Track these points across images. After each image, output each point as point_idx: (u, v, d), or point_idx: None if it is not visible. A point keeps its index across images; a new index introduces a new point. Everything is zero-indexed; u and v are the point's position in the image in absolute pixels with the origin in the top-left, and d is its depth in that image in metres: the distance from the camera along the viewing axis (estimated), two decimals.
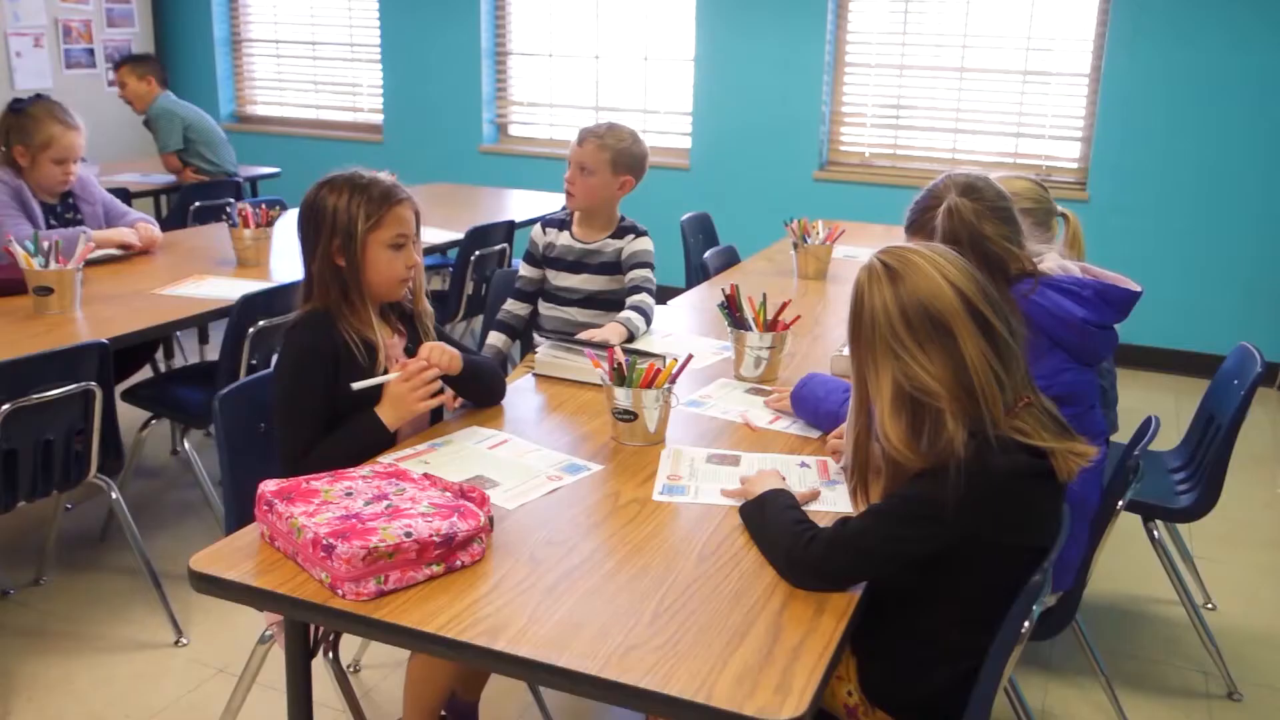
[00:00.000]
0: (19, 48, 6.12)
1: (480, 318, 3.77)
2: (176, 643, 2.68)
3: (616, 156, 2.82)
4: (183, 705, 2.46)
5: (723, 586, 1.48)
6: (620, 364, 1.95)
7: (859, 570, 1.49)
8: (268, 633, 1.99)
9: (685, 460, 1.92)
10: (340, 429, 1.91)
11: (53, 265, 2.71)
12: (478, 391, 2.13)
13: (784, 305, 2.39)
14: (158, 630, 2.73)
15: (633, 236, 2.91)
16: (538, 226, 3.00)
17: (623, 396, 1.94)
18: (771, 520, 1.59)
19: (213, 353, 4.39)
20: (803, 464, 1.90)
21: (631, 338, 2.62)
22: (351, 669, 2.56)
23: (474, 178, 5.87)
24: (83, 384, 2.37)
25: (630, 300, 2.75)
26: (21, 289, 2.75)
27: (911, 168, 5.37)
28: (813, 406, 2.07)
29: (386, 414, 1.91)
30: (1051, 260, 2.07)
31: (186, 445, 3.03)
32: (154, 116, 5.05)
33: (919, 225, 2.01)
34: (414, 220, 2.01)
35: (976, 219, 1.93)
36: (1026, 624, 1.48)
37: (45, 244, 2.73)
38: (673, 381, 1.97)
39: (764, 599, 1.46)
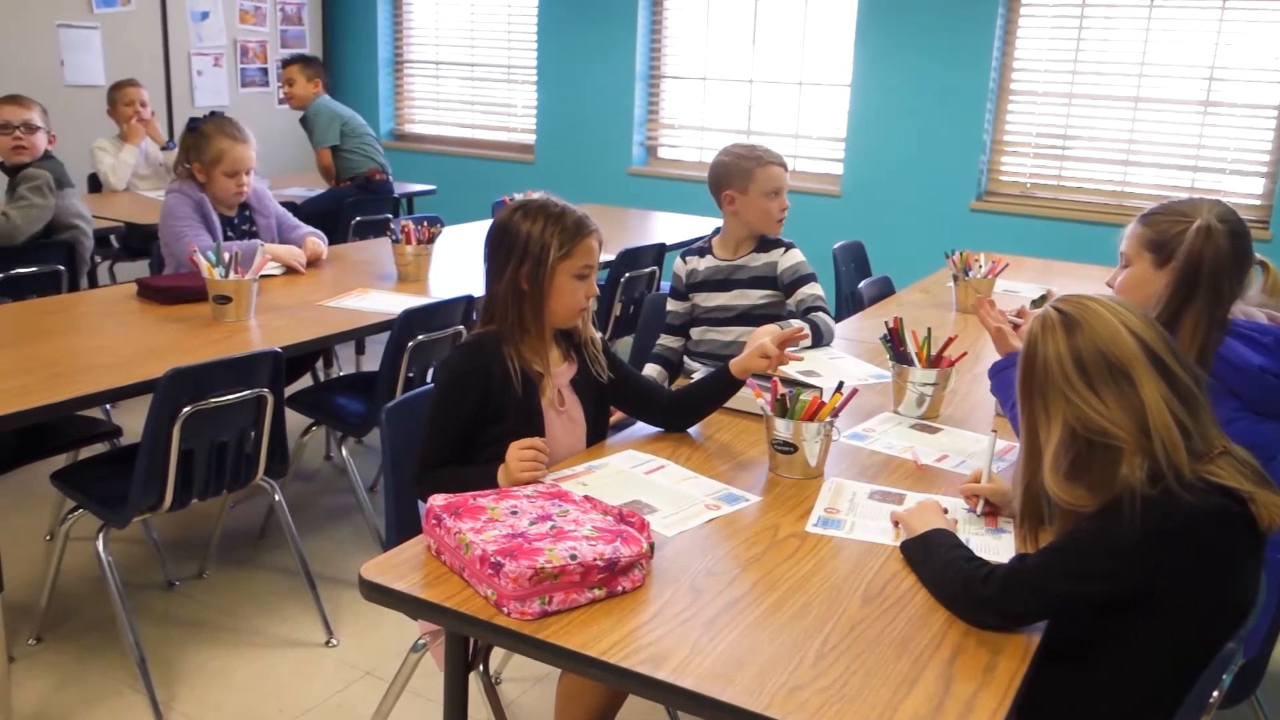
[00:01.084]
0: (200, 67, 6.50)
1: (627, 339, 3.79)
2: (327, 643, 2.76)
3: (708, 181, 2.92)
4: (331, 705, 2.52)
5: (889, 630, 1.43)
6: (783, 395, 1.92)
7: (1037, 608, 1.45)
8: (420, 641, 2.02)
9: (846, 494, 1.87)
10: (468, 468, 1.93)
11: (231, 276, 2.83)
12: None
13: (949, 341, 2.32)
14: (309, 629, 2.81)
15: (783, 250, 2.90)
16: (678, 260, 3.01)
17: (783, 428, 1.91)
18: (939, 558, 1.55)
19: (369, 363, 4.54)
20: (968, 509, 1.83)
21: (819, 340, 2.66)
22: (494, 681, 2.58)
23: (622, 199, 5.93)
24: (256, 390, 2.47)
25: (808, 317, 2.73)
26: (202, 297, 2.89)
27: (1076, 200, 5.17)
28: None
29: (501, 476, 1.88)
30: (1234, 305, 1.96)
31: (344, 452, 3.13)
32: (312, 113, 5.27)
33: (1159, 240, 1.97)
34: (598, 250, 2.04)
35: (1230, 247, 1.88)
36: (1216, 693, 1.38)
37: (226, 255, 2.86)
38: (835, 415, 1.92)
39: (933, 646, 1.40)
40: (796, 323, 2.68)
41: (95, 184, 5.04)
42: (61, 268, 3.67)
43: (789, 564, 1.61)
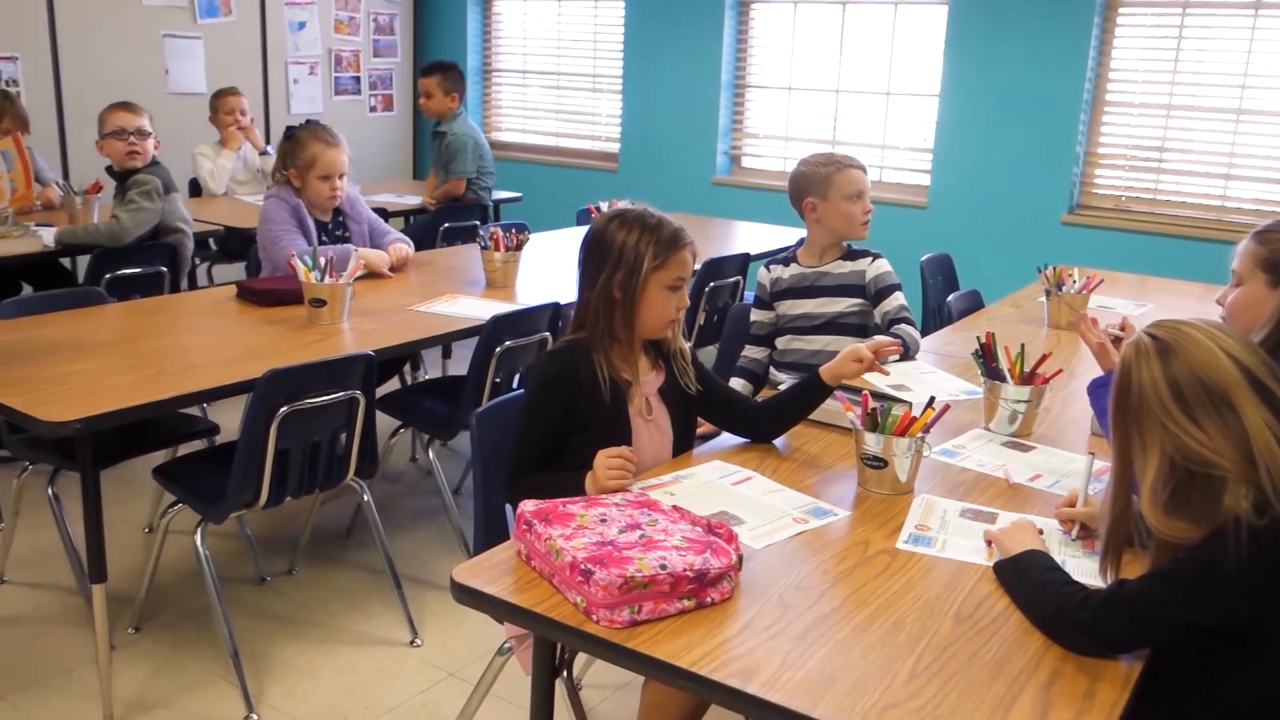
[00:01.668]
0: (296, 75, 6.67)
1: (710, 348, 3.79)
2: (411, 643, 2.80)
3: (789, 193, 2.94)
4: (415, 704, 2.56)
5: (983, 651, 1.41)
6: (874, 409, 1.90)
7: (1136, 635, 1.41)
8: (506, 645, 2.04)
9: (937, 511, 1.84)
10: (556, 474, 1.95)
11: (327, 280, 2.90)
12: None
13: (1044, 358, 2.27)
14: (394, 628, 2.86)
15: (870, 259, 2.88)
16: (762, 269, 3.01)
17: (873, 443, 1.89)
18: (1033, 581, 1.52)
19: (455, 367, 4.62)
20: (1063, 532, 1.79)
21: (907, 352, 2.63)
22: (576, 687, 2.60)
23: (705, 208, 5.93)
24: (350, 392, 2.52)
25: (894, 329, 2.71)
26: (298, 299, 2.96)
27: (1174, 214, 5.02)
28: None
29: (588, 483, 1.89)
30: None
31: (430, 455, 3.18)
32: (458, 144, 5.21)
33: (1275, 259, 1.95)
34: (692, 263, 2.04)
35: None
36: None
37: (322, 260, 2.93)
38: (927, 431, 1.90)
39: (1030, 670, 1.37)
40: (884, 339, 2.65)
41: (195, 188, 5.21)
42: (165, 269, 3.80)
43: (879, 581, 1.59)
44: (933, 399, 1.95)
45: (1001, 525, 1.75)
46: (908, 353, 2.72)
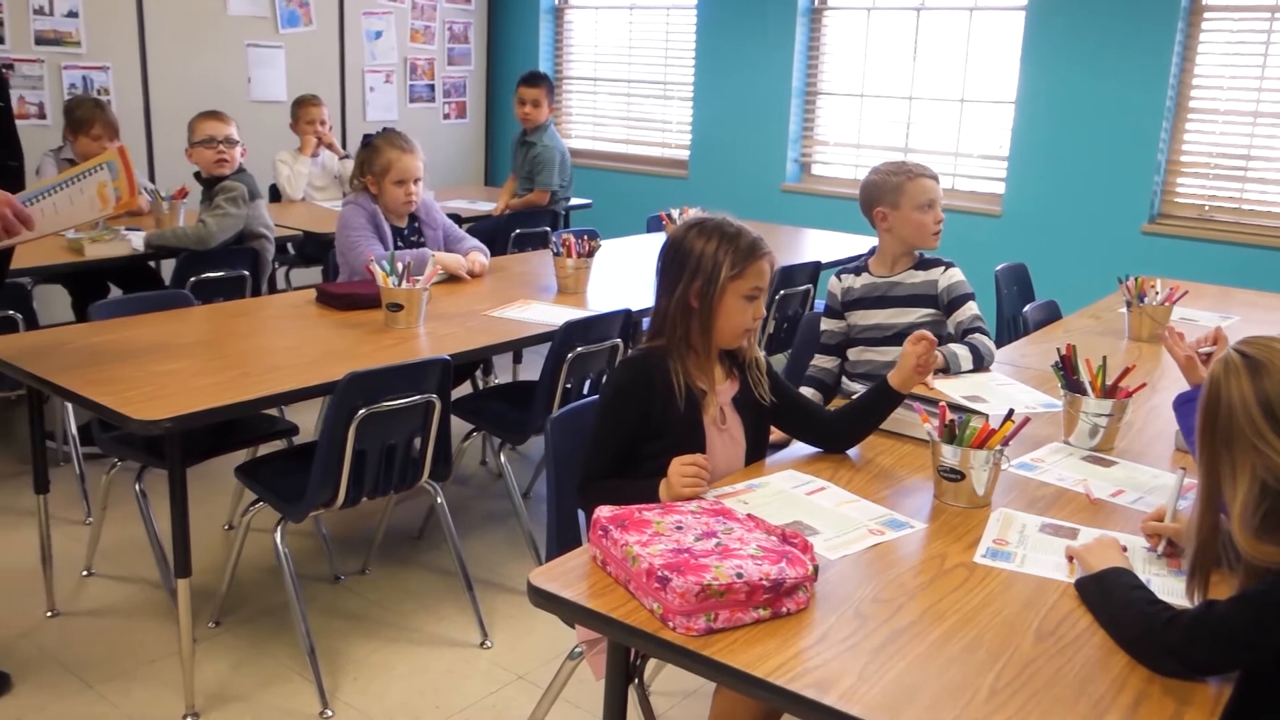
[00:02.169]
0: (373, 83, 6.80)
1: (780, 356, 3.78)
2: (481, 644, 2.83)
3: (860, 202, 2.91)
4: (484, 706, 2.59)
5: (1066, 670, 1.39)
6: (951, 421, 1.88)
7: (1224, 660, 1.37)
8: (578, 649, 2.05)
9: (1016, 526, 1.82)
10: (630, 481, 1.96)
11: (404, 285, 2.95)
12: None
13: (1126, 371, 2.23)
14: (465, 630, 2.90)
15: (943, 268, 2.85)
16: (833, 279, 2.99)
17: (950, 455, 1.87)
18: (1117, 599, 1.49)
19: (525, 372, 4.66)
20: (1148, 549, 1.75)
21: (946, 369, 2.57)
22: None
23: (775, 216, 5.91)
24: (426, 395, 2.56)
25: (967, 339, 2.68)
26: (376, 304, 3.02)
27: (1259, 224, 4.88)
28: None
29: (662, 490, 1.90)
30: None
31: (502, 459, 3.21)
32: (546, 155, 5.27)
33: None
34: (770, 274, 2.04)
35: None
36: None
37: (399, 265, 2.99)
38: (1006, 443, 1.87)
39: (1114, 690, 1.35)
40: (963, 351, 2.62)
41: (275, 194, 5.34)
42: (247, 273, 3.90)
43: (957, 595, 1.57)
44: (1011, 411, 1.93)
45: (1084, 541, 1.72)
46: (982, 363, 2.69)
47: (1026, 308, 3.50)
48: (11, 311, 3.35)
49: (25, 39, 5.22)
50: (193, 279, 3.75)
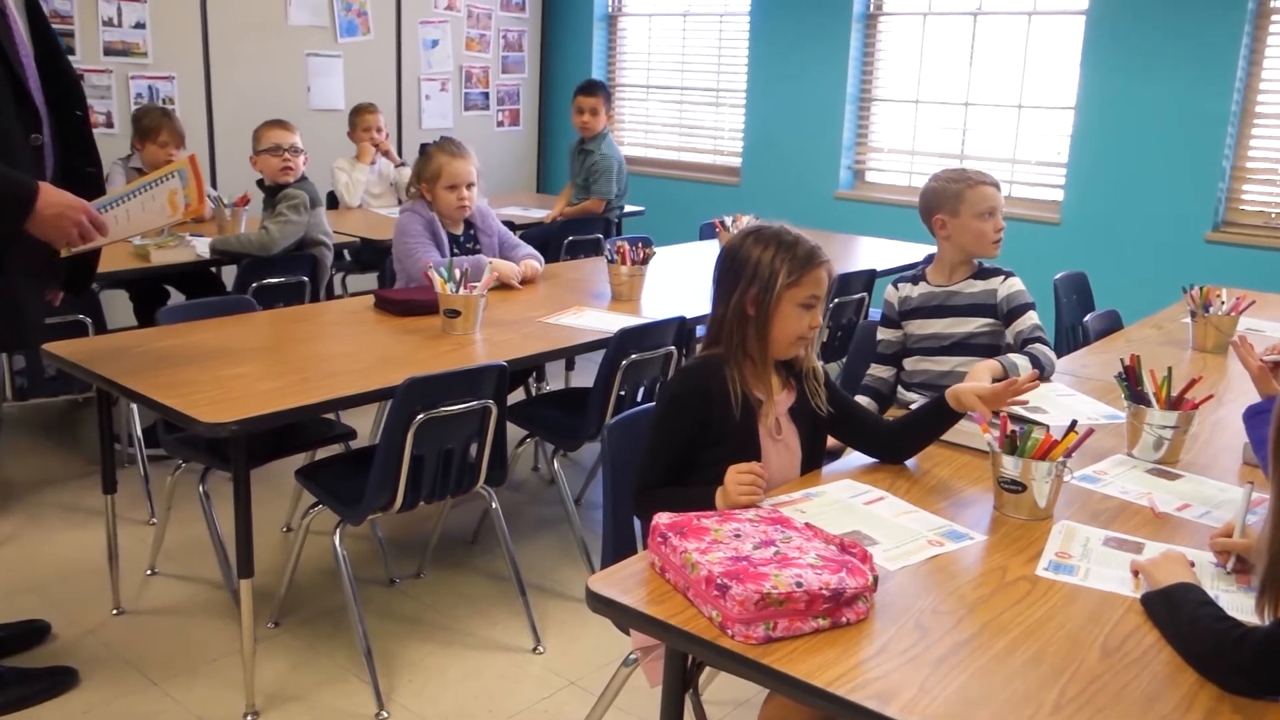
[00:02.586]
0: (428, 91, 6.88)
1: (834, 365, 3.76)
2: (534, 650, 2.85)
3: (919, 209, 2.87)
4: (537, 711, 2.60)
5: (1132, 686, 1.36)
6: (1012, 432, 1.86)
7: None
8: (632, 656, 2.06)
9: (1079, 539, 1.79)
10: (686, 489, 1.97)
11: (461, 291, 2.98)
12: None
13: (1192, 382, 2.19)
14: (518, 635, 2.91)
15: (1002, 278, 2.82)
16: (890, 287, 2.97)
17: (1011, 466, 1.85)
18: (1185, 615, 1.46)
19: (578, 379, 4.69)
20: (1216, 564, 1.72)
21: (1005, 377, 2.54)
22: None
23: (828, 224, 5.88)
24: (482, 401, 2.59)
25: (1027, 349, 2.65)
26: (433, 310, 3.05)
27: None
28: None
29: (719, 498, 1.90)
30: None
31: (555, 465, 3.23)
32: (604, 163, 5.31)
33: None
34: (827, 283, 2.04)
35: None
36: None
37: (457, 271, 3.02)
38: (1069, 455, 1.85)
39: (1183, 708, 1.32)
40: (1023, 361, 2.59)
41: (333, 201, 5.42)
42: (306, 279, 3.97)
43: (1020, 608, 1.55)
44: (1074, 422, 1.90)
45: (1149, 555, 1.70)
46: (1043, 374, 2.66)
47: (1087, 317, 3.45)
48: (81, 315, 3.43)
49: (95, 50, 5.36)
50: (254, 284, 3.82)
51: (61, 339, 2.84)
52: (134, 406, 3.64)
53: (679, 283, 3.87)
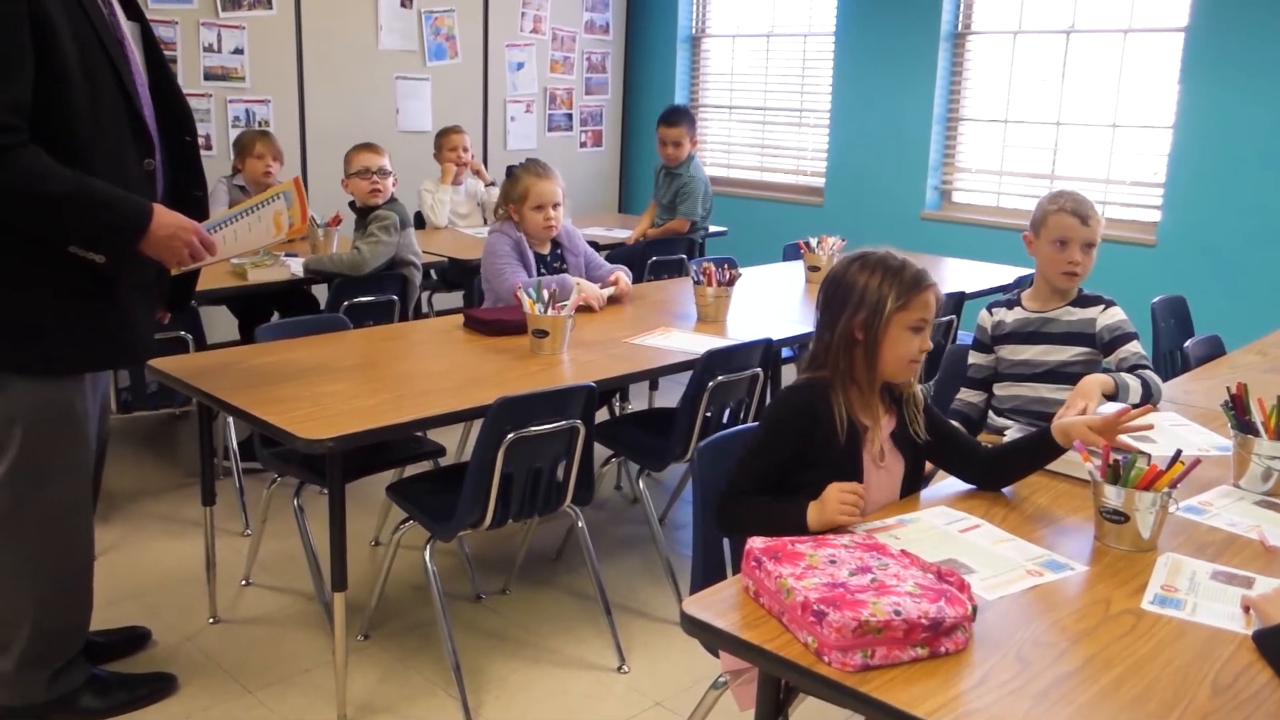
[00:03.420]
0: (513, 113, 6.99)
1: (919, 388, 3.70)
2: (619, 669, 2.85)
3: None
4: None
5: None
6: (1115, 461, 1.81)
7: None
8: (721, 679, 2.05)
9: (1185, 572, 1.74)
10: (775, 500, 1.96)
11: (549, 312, 3.02)
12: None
13: None
14: (602, 653, 2.92)
15: (1103, 307, 2.77)
16: (983, 312, 2.93)
17: (1113, 496, 1.80)
18: None
19: (661, 399, 4.70)
20: None
21: (1115, 397, 2.51)
22: None
23: (914, 244, 5.80)
24: (571, 421, 2.61)
25: (1136, 373, 2.59)
26: (521, 330, 3.09)
27: None
28: None
29: (813, 513, 1.88)
30: None
31: (640, 485, 3.24)
32: (693, 186, 5.34)
33: None
34: (936, 307, 2.03)
35: None
36: None
37: (545, 292, 3.05)
38: (1174, 486, 1.80)
39: None
40: (1135, 383, 2.53)
41: (420, 221, 5.53)
42: (396, 298, 4.05)
43: (1125, 642, 1.51)
44: (1179, 452, 1.85)
45: (1261, 591, 1.64)
46: (1150, 398, 2.59)
47: (1187, 343, 3.35)
48: (183, 332, 3.55)
49: (196, 75, 5.56)
50: (346, 303, 3.91)
51: (164, 355, 2.94)
52: (230, 420, 3.74)
53: (764, 304, 3.86)
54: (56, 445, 2.31)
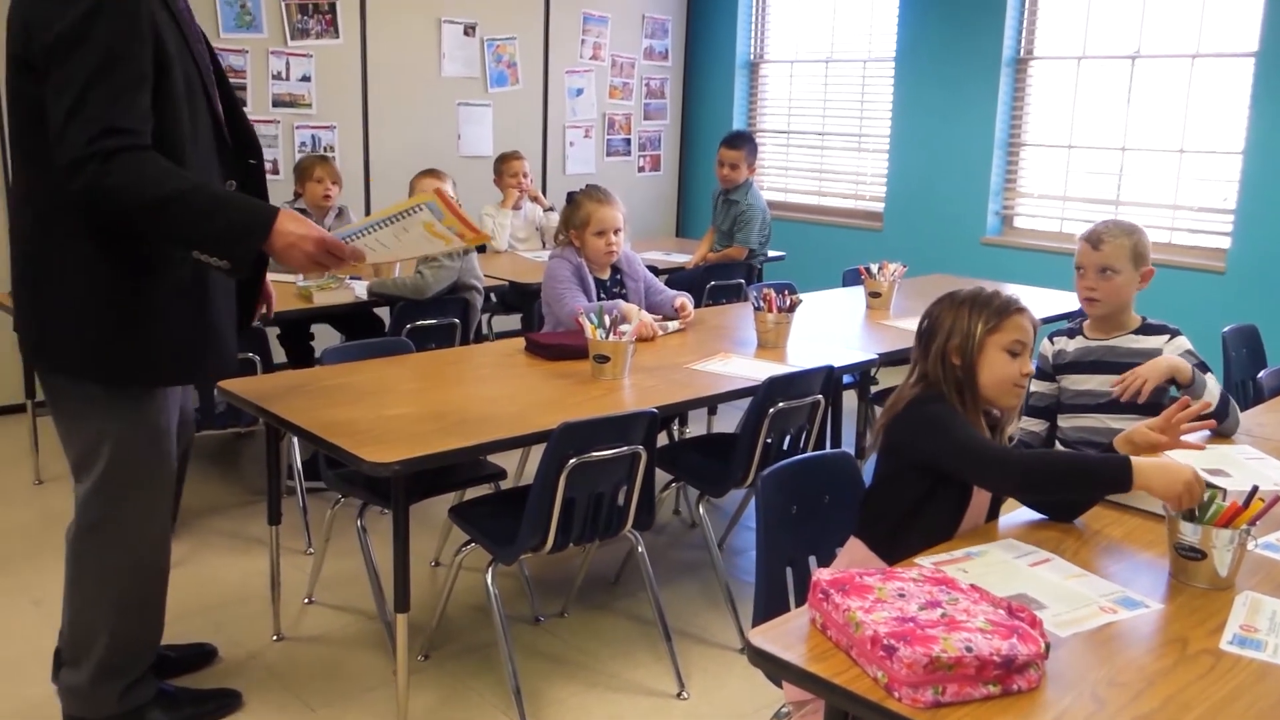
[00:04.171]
0: (573, 138, 7.05)
1: None
2: (678, 695, 2.84)
3: (1134, 249, 2.73)
4: None
5: None
6: None
7: None
8: (784, 710, 2.04)
9: (1265, 611, 1.70)
10: (1079, 454, 2.01)
11: (610, 337, 3.03)
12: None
13: None
14: (661, 679, 2.91)
15: (1169, 337, 2.72)
16: (1045, 340, 2.89)
17: (1190, 532, 1.77)
18: None
19: (720, 424, 4.69)
20: None
21: (1183, 385, 2.54)
22: None
23: (975, 270, 5.76)
24: (633, 447, 2.62)
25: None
26: (582, 355, 3.11)
27: None
28: None
29: (1154, 472, 1.80)
30: None
31: (700, 510, 3.23)
32: (751, 214, 5.34)
33: None
34: (1032, 331, 2.07)
35: None
36: None
37: (607, 318, 3.07)
38: (1254, 523, 1.75)
39: None
40: (1213, 382, 2.50)
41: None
42: (457, 321, 4.10)
43: (1204, 684, 1.48)
44: (1256, 488, 1.81)
45: None
46: (1226, 416, 2.55)
47: (1261, 373, 3.27)
48: (251, 354, 3.63)
49: (265, 102, 5.69)
50: (409, 325, 3.96)
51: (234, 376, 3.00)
52: (295, 440, 3.81)
53: (825, 330, 3.84)
54: (143, 460, 2.37)
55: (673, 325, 3.69)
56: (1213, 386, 2.54)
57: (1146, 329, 2.76)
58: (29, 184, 2.23)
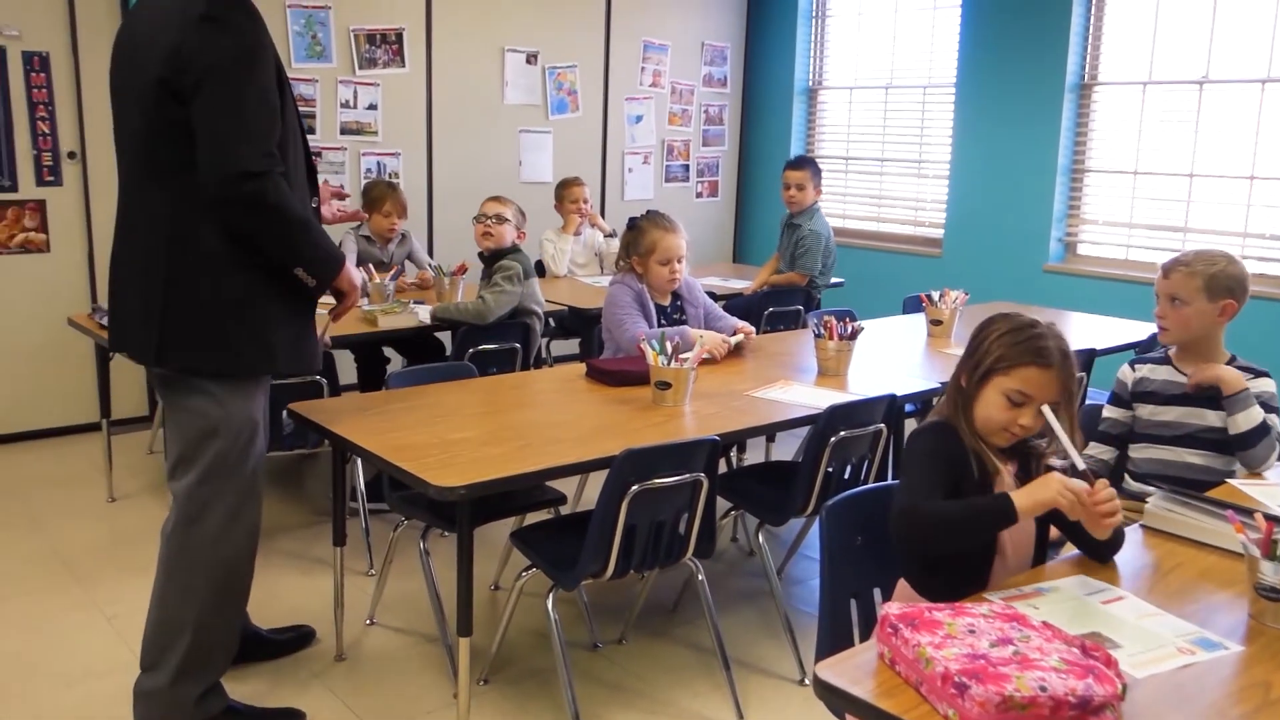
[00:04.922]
0: (631, 164, 7.10)
1: None
2: None
3: (1209, 281, 2.65)
4: None
5: None
6: (1277, 538, 1.74)
7: None
8: None
9: None
10: (971, 500, 1.93)
11: (672, 364, 3.04)
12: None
13: None
14: (719, 708, 2.90)
15: (1252, 376, 2.65)
16: (1125, 366, 2.84)
17: (1272, 572, 1.72)
18: None
19: (779, 451, 4.67)
20: None
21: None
22: None
23: (1036, 298, 5.69)
24: (694, 474, 2.62)
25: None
26: (644, 381, 3.12)
27: None
28: None
29: (1024, 495, 1.83)
30: None
31: (760, 539, 3.22)
32: (812, 240, 5.31)
33: None
34: (1051, 388, 1.95)
35: None
36: None
37: (669, 345, 3.08)
38: None
39: None
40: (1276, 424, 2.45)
41: (541, 270, 5.65)
42: (519, 345, 4.14)
43: None
44: None
45: None
46: (1247, 450, 2.49)
47: None
48: (318, 377, 3.69)
49: (332, 130, 5.82)
50: (471, 350, 4.01)
51: (301, 399, 3.06)
52: (359, 462, 3.86)
53: (886, 358, 3.81)
54: (245, 451, 2.54)
55: (735, 339, 3.70)
56: (1256, 415, 2.55)
57: (1234, 366, 2.70)
58: (156, 203, 2.40)
